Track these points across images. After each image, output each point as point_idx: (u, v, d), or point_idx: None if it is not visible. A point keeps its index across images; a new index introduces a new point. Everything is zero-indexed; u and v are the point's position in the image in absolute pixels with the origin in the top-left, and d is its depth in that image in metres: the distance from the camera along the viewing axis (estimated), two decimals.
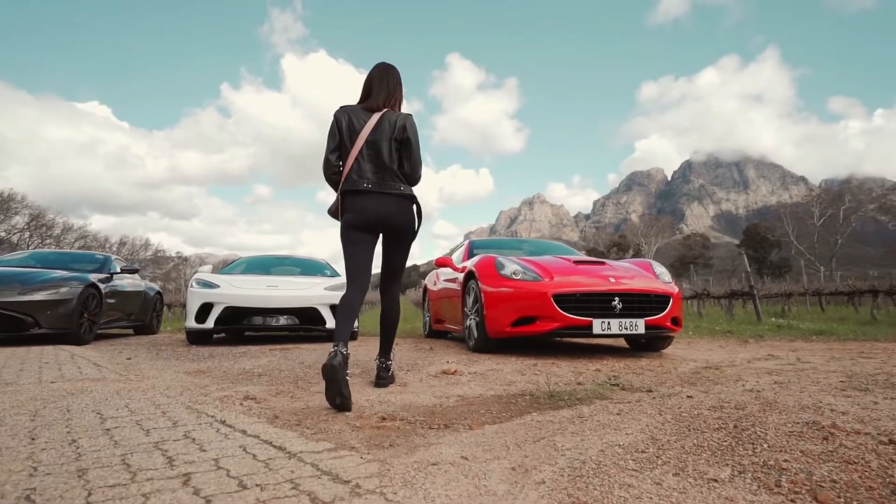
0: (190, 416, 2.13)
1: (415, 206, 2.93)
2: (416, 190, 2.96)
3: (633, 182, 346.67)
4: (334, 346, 2.38)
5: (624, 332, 4.02)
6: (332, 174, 2.87)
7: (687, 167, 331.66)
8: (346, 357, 2.36)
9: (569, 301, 4.06)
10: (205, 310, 5.71)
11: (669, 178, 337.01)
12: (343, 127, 2.81)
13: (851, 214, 53.77)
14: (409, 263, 3.27)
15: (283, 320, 5.86)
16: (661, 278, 4.58)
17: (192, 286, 5.95)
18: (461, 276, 5.21)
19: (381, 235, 2.89)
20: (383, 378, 2.99)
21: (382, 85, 2.91)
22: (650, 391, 2.79)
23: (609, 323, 4.00)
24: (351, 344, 5.76)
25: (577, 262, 4.68)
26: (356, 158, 2.77)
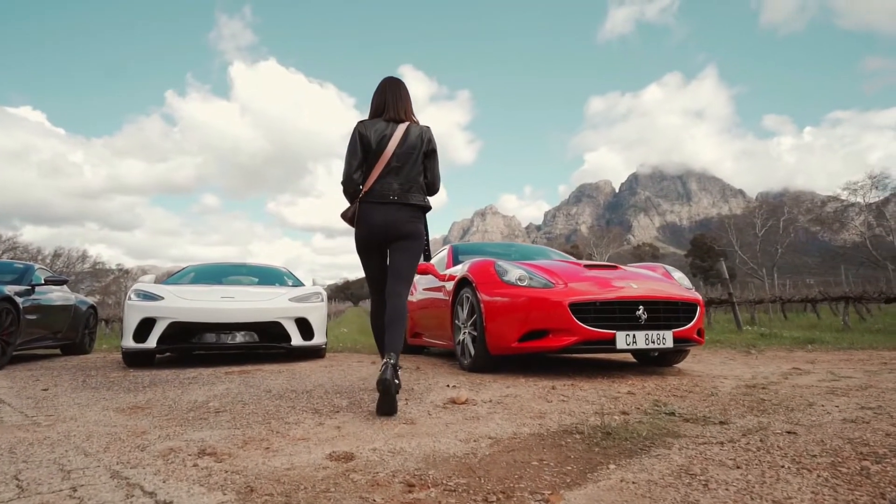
0: (116, 494, 1.40)
1: (424, 218, 2.91)
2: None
3: (582, 194, 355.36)
4: (385, 359, 2.48)
5: (650, 345, 3.46)
6: (353, 191, 2.83)
7: (634, 180, 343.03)
8: (396, 368, 2.46)
9: (587, 311, 3.48)
10: (146, 326, 4.81)
11: (617, 190, 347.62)
12: (370, 140, 2.77)
13: (790, 226, 56.28)
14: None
15: (240, 337, 5.03)
16: (681, 284, 4.07)
17: (129, 298, 5.02)
18: (450, 284, 4.56)
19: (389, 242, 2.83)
20: (387, 380, 2.35)
21: (399, 97, 2.89)
22: (723, 423, 2.22)
23: (634, 336, 3.43)
24: (318, 364, 5.01)
25: (589, 267, 4.11)
26: (382, 171, 2.75)
